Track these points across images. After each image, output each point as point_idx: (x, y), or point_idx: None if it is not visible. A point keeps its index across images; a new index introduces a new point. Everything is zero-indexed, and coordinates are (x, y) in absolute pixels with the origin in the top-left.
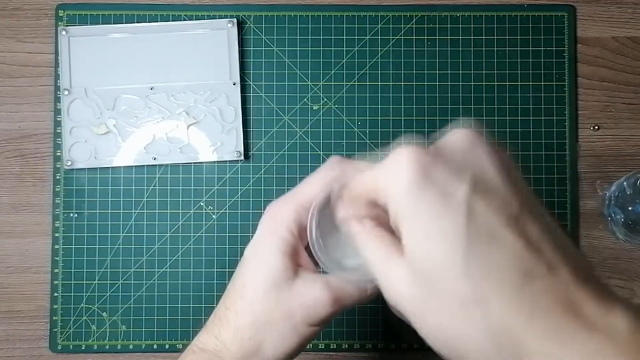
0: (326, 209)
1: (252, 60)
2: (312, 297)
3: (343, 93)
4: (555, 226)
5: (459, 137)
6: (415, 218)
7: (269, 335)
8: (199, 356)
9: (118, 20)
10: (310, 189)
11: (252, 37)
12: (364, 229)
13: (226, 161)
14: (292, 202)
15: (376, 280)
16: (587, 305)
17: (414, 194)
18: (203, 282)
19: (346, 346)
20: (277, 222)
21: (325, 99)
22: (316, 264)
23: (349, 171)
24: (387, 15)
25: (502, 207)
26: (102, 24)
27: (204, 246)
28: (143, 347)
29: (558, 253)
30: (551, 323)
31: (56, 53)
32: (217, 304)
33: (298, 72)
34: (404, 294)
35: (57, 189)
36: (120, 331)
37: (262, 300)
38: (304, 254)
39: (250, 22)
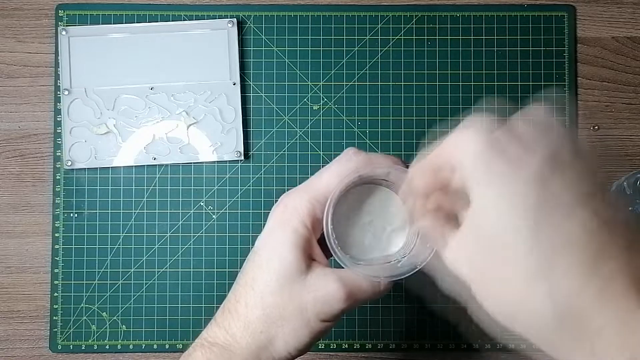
0: (342, 202)
1: (252, 60)
2: (325, 291)
3: (343, 93)
4: (621, 213)
5: (536, 113)
6: (487, 183)
7: (280, 330)
8: (209, 350)
9: (118, 20)
10: (326, 181)
11: (252, 37)
12: (426, 206)
13: (226, 161)
14: (306, 194)
15: (400, 268)
16: None
17: (487, 159)
18: (203, 282)
19: (346, 346)
20: (290, 214)
21: (325, 99)
22: (330, 256)
23: (367, 162)
24: (387, 15)
25: (576, 184)
26: (102, 24)
27: (204, 246)
28: (143, 347)
29: (627, 237)
30: (623, 304)
31: (56, 53)
32: (219, 303)
33: (298, 72)
34: (465, 260)
35: (57, 189)
36: (120, 331)
37: (274, 293)
38: (316, 248)
39: (250, 22)
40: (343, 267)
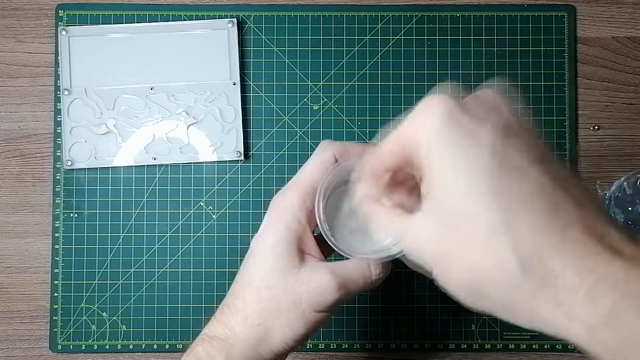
0: (332, 195)
1: (252, 60)
2: (318, 283)
3: (343, 93)
4: (574, 175)
5: (484, 93)
6: (445, 155)
7: (277, 322)
8: (209, 344)
9: (118, 20)
10: (309, 174)
11: (252, 37)
12: (379, 206)
13: (226, 161)
14: (295, 191)
15: (390, 250)
16: (615, 239)
17: (444, 133)
18: (203, 282)
19: (346, 346)
20: (282, 212)
21: (325, 99)
22: (326, 245)
23: (341, 149)
24: (387, 15)
25: (527, 149)
26: (102, 24)
27: (204, 246)
28: (143, 347)
29: (583, 193)
30: (581, 249)
31: (56, 53)
32: (219, 303)
33: (298, 72)
34: (425, 244)
35: (57, 189)
36: (120, 331)
37: (269, 287)
38: (310, 242)
39: (250, 22)
40: (339, 253)
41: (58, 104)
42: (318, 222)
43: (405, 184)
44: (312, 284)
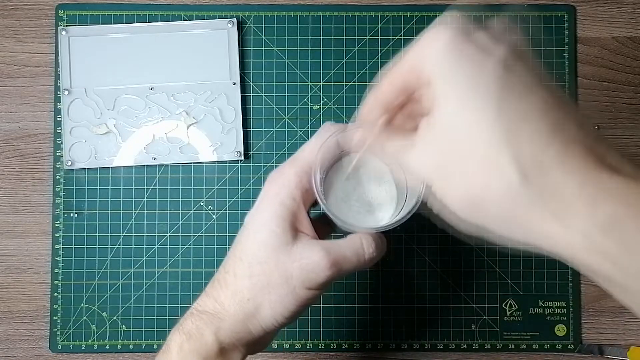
0: (331, 171)
1: (252, 60)
2: (310, 260)
3: (343, 93)
4: (573, 102)
5: (489, 28)
6: (451, 77)
7: (267, 297)
8: (198, 318)
9: (118, 20)
10: (308, 152)
11: (252, 37)
12: (378, 128)
13: (226, 161)
14: (292, 167)
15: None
16: (615, 157)
17: (450, 56)
18: (203, 281)
19: (346, 346)
20: (278, 188)
21: (325, 99)
22: (321, 228)
23: (343, 129)
24: (387, 15)
25: (528, 75)
26: (102, 24)
27: (204, 246)
28: (143, 347)
29: (584, 118)
30: (582, 163)
31: (56, 53)
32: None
33: (298, 72)
34: (425, 161)
35: (57, 189)
36: (121, 331)
37: (261, 262)
38: (305, 220)
39: (250, 22)
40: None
41: (58, 104)
42: (315, 192)
43: (401, 129)
44: (304, 261)
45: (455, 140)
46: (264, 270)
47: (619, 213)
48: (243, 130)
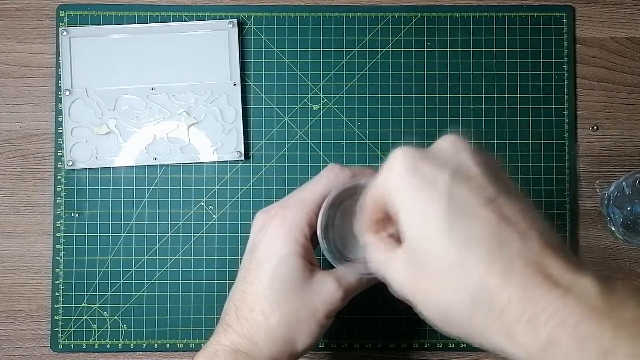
0: (335, 212)
1: (252, 60)
2: (328, 293)
3: (343, 93)
4: (530, 208)
5: (445, 141)
6: (408, 204)
7: (298, 332)
8: (234, 357)
9: (119, 20)
10: (316, 194)
11: (252, 37)
12: (373, 237)
13: (226, 161)
14: (304, 207)
15: (381, 273)
16: (556, 269)
17: (405, 184)
18: (204, 281)
19: (346, 345)
20: (290, 226)
21: (325, 100)
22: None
23: (351, 176)
24: (386, 16)
25: (479, 192)
26: (103, 24)
27: (204, 246)
28: (144, 346)
29: (531, 227)
30: (522, 281)
31: (57, 54)
32: (219, 303)
33: (298, 72)
34: (403, 279)
35: (58, 189)
36: (121, 330)
37: (288, 300)
38: (313, 254)
39: (251, 23)
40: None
41: (59, 104)
42: (319, 240)
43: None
44: (325, 295)
45: (421, 261)
46: (291, 308)
47: (554, 333)
48: (243, 131)
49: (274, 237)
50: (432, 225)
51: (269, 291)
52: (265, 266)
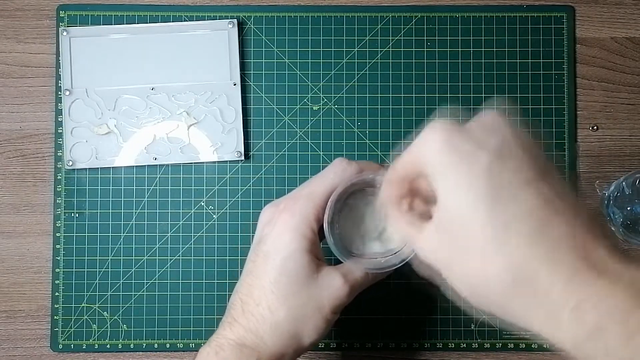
0: (342, 206)
1: (252, 60)
2: (335, 288)
3: (343, 93)
4: (572, 193)
5: (485, 116)
6: (447, 176)
7: (304, 327)
8: (239, 351)
9: (119, 20)
10: (324, 188)
11: (252, 37)
12: (399, 209)
13: (226, 161)
14: (312, 201)
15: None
16: (602, 257)
17: (445, 159)
18: (204, 281)
19: (346, 345)
20: (299, 220)
21: (325, 100)
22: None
23: (358, 171)
24: (386, 16)
25: (520, 171)
26: (103, 24)
27: (204, 246)
28: (144, 346)
29: (574, 211)
30: (567, 267)
31: (57, 54)
32: (220, 302)
33: (298, 72)
34: (435, 252)
35: (58, 189)
36: (121, 330)
37: (295, 295)
38: (319, 249)
39: (251, 23)
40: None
41: (59, 104)
42: (326, 234)
43: (423, 191)
44: (331, 290)
45: (456, 236)
46: (298, 303)
47: (601, 322)
48: (243, 131)
49: (282, 231)
50: (471, 202)
51: (276, 285)
52: (273, 260)
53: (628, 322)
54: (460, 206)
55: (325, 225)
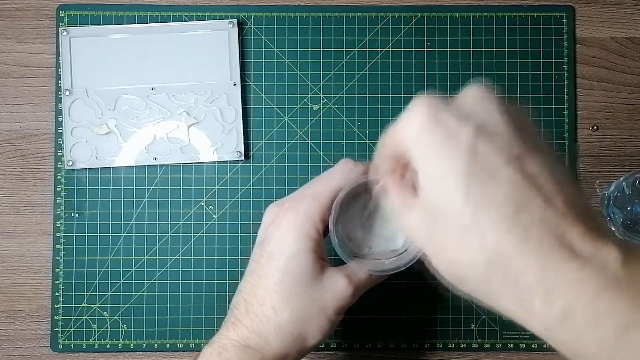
0: (347, 206)
1: (252, 60)
2: (339, 290)
3: (343, 93)
4: (558, 165)
5: (470, 91)
6: (427, 156)
7: (308, 328)
8: (242, 352)
9: (119, 20)
10: (330, 189)
11: (252, 37)
12: (391, 181)
13: (226, 161)
14: (317, 201)
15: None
16: (577, 238)
17: (426, 135)
18: (204, 281)
19: (346, 345)
20: (303, 220)
21: (325, 99)
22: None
23: (364, 171)
24: (386, 16)
25: (504, 148)
26: (103, 24)
27: (204, 246)
28: (144, 346)
29: (556, 188)
30: (540, 250)
31: (57, 54)
32: (220, 303)
33: (298, 72)
34: (417, 229)
35: (58, 189)
36: (121, 330)
37: (299, 295)
38: (324, 249)
39: (251, 23)
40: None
41: (59, 104)
42: (331, 236)
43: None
44: (335, 291)
45: (437, 217)
46: (302, 304)
47: (570, 307)
48: (243, 131)
49: (286, 231)
50: (450, 183)
51: (280, 286)
52: (277, 260)
53: (596, 305)
54: (440, 188)
55: (331, 226)
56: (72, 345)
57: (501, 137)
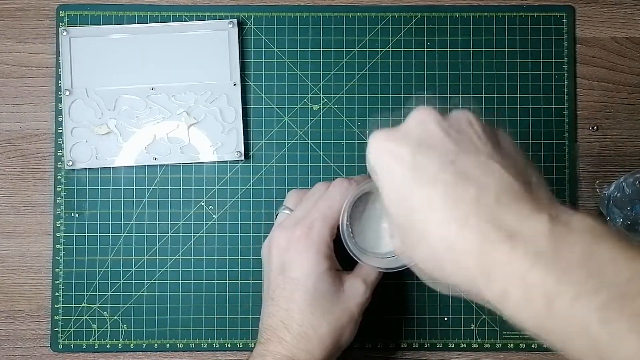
0: (352, 210)
1: (252, 60)
2: (360, 294)
3: (343, 93)
4: (496, 155)
5: (412, 114)
6: (382, 180)
7: (343, 334)
8: None
9: (119, 21)
10: (335, 209)
11: (252, 37)
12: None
13: (226, 161)
14: (326, 223)
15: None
16: (512, 218)
17: (377, 162)
18: (204, 281)
19: None
20: (319, 243)
21: (325, 99)
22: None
23: (354, 187)
24: (386, 16)
25: (441, 157)
26: (103, 24)
27: (204, 246)
28: (144, 346)
29: (489, 178)
30: (476, 237)
31: (57, 54)
32: (220, 303)
33: (298, 72)
34: (393, 237)
35: (58, 189)
36: (121, 330)
37: (331, 311)
38: (336, 260)
39: (251, 23)
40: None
41: (59, 104)
42: (344, 243)
43: None
44: (357, 297)
45: (399, 226)
46: (334, 317)
47: (505, 287)
48: (243, 131)
49: (307, 256)
50: (397, 191)
51: (313, 306)
52: (304, 285)
53: (526, 281)
54: (391, 197)
55: (344, 238)
56: (72, 345)
57: (438, 148)
